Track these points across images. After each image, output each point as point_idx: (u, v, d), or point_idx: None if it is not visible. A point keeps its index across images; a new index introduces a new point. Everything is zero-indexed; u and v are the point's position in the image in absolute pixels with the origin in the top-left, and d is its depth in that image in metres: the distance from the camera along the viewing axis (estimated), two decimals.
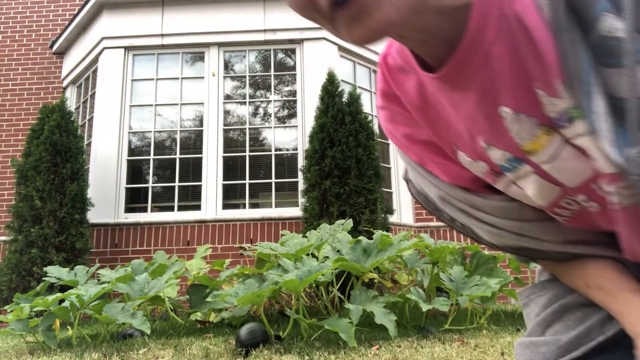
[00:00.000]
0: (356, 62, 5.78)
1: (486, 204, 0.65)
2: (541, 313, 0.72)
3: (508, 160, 0.57)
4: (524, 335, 0.73)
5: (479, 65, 0.50)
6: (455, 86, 0.53)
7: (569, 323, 0.67)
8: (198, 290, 3.08)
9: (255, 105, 5.50)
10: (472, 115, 0.55)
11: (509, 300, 5.09)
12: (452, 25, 0.49)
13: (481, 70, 0.51)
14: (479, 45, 0.49)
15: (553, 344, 0.66)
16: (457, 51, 0.50)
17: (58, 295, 2.62)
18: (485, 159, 0.59)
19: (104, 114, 5.28)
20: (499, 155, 0.57)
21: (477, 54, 0.50)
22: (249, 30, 5.38)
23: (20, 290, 4.21)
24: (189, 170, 5.20)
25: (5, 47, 6.29)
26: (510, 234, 0.67)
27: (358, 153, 4.26)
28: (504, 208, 0.65)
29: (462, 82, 0.52)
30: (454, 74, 0.52)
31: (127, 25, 5.45)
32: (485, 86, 0.51)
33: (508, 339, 2.40)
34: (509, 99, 0.51)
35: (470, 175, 0.64)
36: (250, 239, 4.84)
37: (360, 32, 0.45)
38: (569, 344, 0.64)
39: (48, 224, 4.34)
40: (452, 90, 0.54)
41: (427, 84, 0.57)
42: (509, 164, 0.57)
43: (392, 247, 2.86)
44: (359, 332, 2.61)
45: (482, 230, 0.69)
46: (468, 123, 0.57)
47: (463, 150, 0.61)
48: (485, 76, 0.51)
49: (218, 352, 2.30)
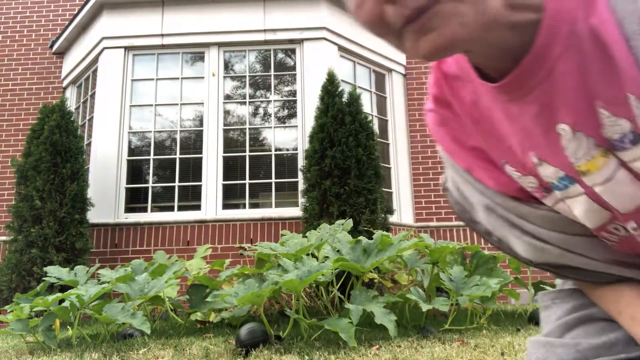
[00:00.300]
0: (356, 62, 5.78)
1: (534, 213, 0.64)
2: (563, 317, 0.70)
3: (560, 179, 0.56)
4: (539, 335, 0.72)
5: (542, 80, 0.50)
6: (514, 98, 0.53)
7: (591, 331, 0.66)
8: (198, 290, 3.08)
9: (255, 105, 5.50)
10: (528, 129, 0.54)
11: (509, 300, 5.09)
12: (520, 39, 0.49)
13: (543, 85, 0.50)
14: (545, 60, 0.49)
15: (572, 347, 0.64)
16: (522, 64, 0.50)
17: (58, 295, 2.62)
18: (535, 174, 0.59)
19: (104, 114, 5.28)
20: (550, 172, 0.56)
21: (542, 68, 0.49)
22: (249, 30, 5.38)
23: (20, 290, 4.21)
24: (189, 170, 5.20)
25: (5, 47, 6.29)
26: (553, 249, 0.64)
27: (358, 153, 4.26)
28: (553, 219, 0.63)
29: (522, 95, 0.52)
30: (515, 86, 0.52)
31: (127, 25, 5.45)
32: (545, 101, 0.51)
33: (508, 339, 2.40)
34: (568, 116, 0.51)
35: (519, 185, 0.63)
36: (250, 239, 4.84)
37: (426, 47, 0.45)
38: (589, 351, 0.63)
39: (48, 224, 4.34)
40: (509, 102, 0.54)
41: (484, 94, 0.57)
42: (560, 182, 0.56)
43: (392, 247, 2.86)
44: (359, 332, 2.61)
45: (522, 244, 0.67)
46: (522, 137, 0.56)
47: (512, 165, 0.60)
48: (546, 91, 0.50)
49: (218, 352, 2.30)
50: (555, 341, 0.67)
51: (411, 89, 6.15)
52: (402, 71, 6.18)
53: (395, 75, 6.10)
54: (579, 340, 0.65)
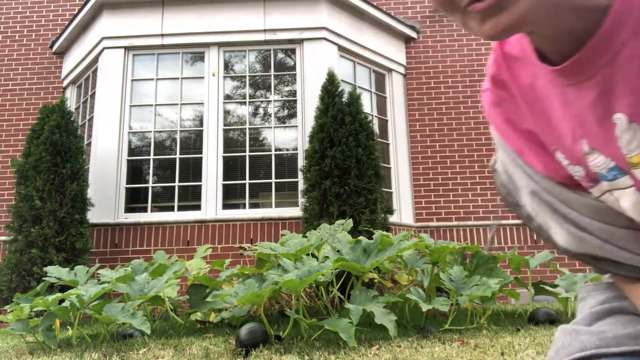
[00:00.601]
0: (356, 62, 5.78)
1: (579, 201, 0.63)
2: (595, 307, 0.70)
3: (609, 169, 0.55)
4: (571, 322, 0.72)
5: (605, 65, 0.49)
6: (573, 83, 0.52)
7: (619, 322, 0.65)
8: (198, 290, 3.08)
9: (255, 105, 5.50)
10: (583, 115, 0.54)
11: (509, 300, 5.09)
12: (586, 24, 0.48)
13: (605, 70, 0.49)
14: (610, 45, 0.48)
15: (596, 335, 0.64)
16: (586, 47, 0.49)
17: (58, 295, 2.62)
18: (583, 164, 0.58)
19: (104, 114, 5.28)
20: (600, 161, 0.55)
21: (606, 53, 0.49)
22: (248, 30, 5.38)
23: (20, 290, 4.21)
24: (189, 170, 5.20)
25: (5, 47, 6.29)
26: (594, 239, 0.64)
27: (358, 153, 4.26)
28: (598, 208, 0.62)
29: (581, 80, 0.51)
30: (576, 70, 0.51)
31: (127, 25, 5.45)
32: (605, 88, 0.50)
33: (508, 339, 2.40)
34: (626, 105, 0.50)
35: (568, 172, 0.63)
36: (250, 239, 4.84)
37: (491, 28, 0.46)
38: (612, 339, 0.63)
39: (48, 224, 4.35)
40: (567, 87, 0.54)
41: (542, 77, 0.57)
42: (609, 173, 0.56)
43: (392, 247, 2.86)
44: (359, 332, 2.61)
45: (562, 232, 0.66)
46: (576, 124, 0.55)
47: (562, 152, 0.60)
48: (607, 78, 0.50)
49: (218, 352, 2.30)
50: (582, 329, 0.67)
51: (411, 89, 6.15)
52: (402, 71, 6.18)
53: (395, 75, 6.10)
54: (605, 328, 0.65)
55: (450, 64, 6.20)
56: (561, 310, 3.40)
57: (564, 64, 0.52)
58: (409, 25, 6.23)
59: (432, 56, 6.24)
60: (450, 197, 5.82)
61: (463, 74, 6.17)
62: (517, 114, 0.65)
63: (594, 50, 0.49)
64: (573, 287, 3.34)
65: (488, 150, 5.95)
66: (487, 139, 5.99)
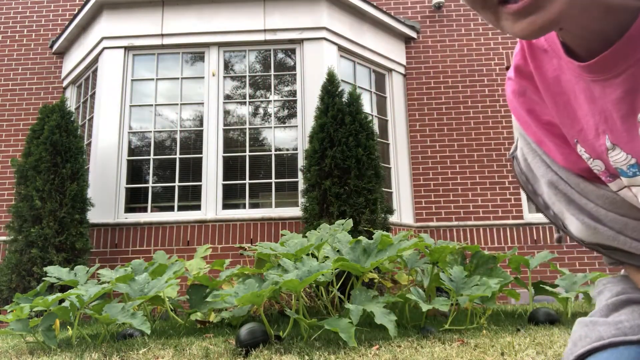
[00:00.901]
0: (356, 62, 5.78)
1: (596, 192, 0.64)
2: (611, 298, 0.71)
3: (630, 166, 0.56)
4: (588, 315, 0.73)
5: (632, 65, 0.50)
6: (600, 79, 0.53)
7: (637, 311, 0.66)
8: (198, 290, 3.08)
9: (255, 105, 5.50)
10: (608, 111, 0.54)
11: (509, 300, 5.09)
12: (616, 23, 0.49)
13: (632, 70, 0.50)
14: (638, 46, 0.49)
15: (613, 325, 0.65)
16: (614, 46, 0.50)
17: (58, 295, 2.62)
18: (603, 158, 0.59)
19: (104, 114, 5.28)
20: (621, 157, 0.56)
21: (634, 53, 0.49)
22: (249, 30, 5.38)
23: (20, 290, 4.21)
24: (189, 170, 5.20)
25: (5, 47, 6.29)
26: (608, 231, 0.65)
27: (358, 153, 4.26)
28: (614, 200, 0.63)
29: (608, 77, 0.52)
30: (603, 67, 0.52)
31: (127, 25, 5.45)
32: (631, 87, 0.51)
33: (508, 339, 2.40)
34: None
35: (586, 165, 0.64)
36: (250, 239, 4.84)
37: (525, 27, 0.46)
38: (629, 329, 0.64)
39: (48, 224, 4.35)
40: (593, 82, 0.54)
41: (568, 71, 0.58)
42: (629, 169, 0.56)
43: (392, 247, 2.86)
44: (359, 332, 2.61)
45: (576, 222, 0.68)
46: (599, 119, 0.56)
47: (583, 145, 0.61)
48: (634, 77, 0.51)
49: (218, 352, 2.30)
50: (599, 320, 0.68)
51: (411, 89, 6.15)
52: (402, 71, 6.18)
53: (395, 75, 6.10)
54: (622, 318, 0.65)
55: (450, 64, 6.20)
56: (561, 310, 3.40)
57: (591, 61, 0.52)
58: (409, 25, 6.23)
59: (432, 56, 6.24)
60: (450, 197, 5.82)
61: (463, 74, 6.17)
62: (540, 105, 0.66)
63: (622, 50, 0.50)
64: (573, 287, 3.34)
65: (488, 150, 5.94)
66: (487, 139, 5.99)
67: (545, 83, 0.62)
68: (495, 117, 6.04)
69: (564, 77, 0.59)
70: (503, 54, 6.25)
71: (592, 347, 0.65)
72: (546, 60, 0.61)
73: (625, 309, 0.68)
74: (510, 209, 5.79)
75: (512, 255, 3.47)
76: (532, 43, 0.63)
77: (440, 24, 6.32)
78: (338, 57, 5.50)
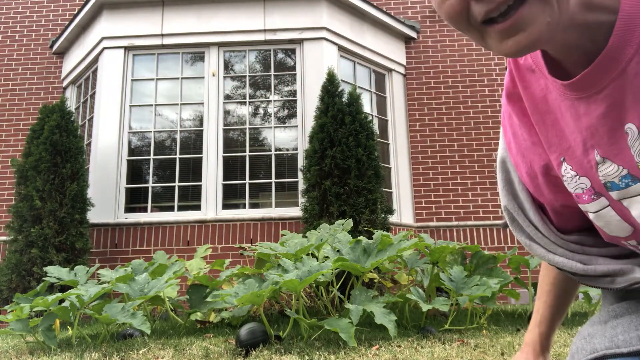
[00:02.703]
0: (356, 62, 5.78)
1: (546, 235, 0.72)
2: (614, 303, 0.74)
3: (622, 177, 0.57)
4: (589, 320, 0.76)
5: (613, 80, 0.51)
6: (583, 96, 0.54)
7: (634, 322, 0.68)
8: (198, 290, 3.08)
9: (255, 105, 5.50)
10: (594, 127, 0.55)
11: (509, 300, 5.09)
12: (593, 40, 0.50)
13: (614, 84, 0.51)
14: (616, 61, 0.50)
15: (608, 338, 0.68)
16: (594, 64, 0.51)
17: (58, 295, 2.62)
18: (591, 175, 0.59)
19: (104, 114, 5.28)
20: (612, 170, 0.57)
21: (613, 69, 0.50)
22: (248, 30, 5.38)
23: (20, 290, 4.21)
24: (189, 170, 5.20)
25: (5, 47, 6.29)
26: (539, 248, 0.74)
27: (358, 153, 4.26)
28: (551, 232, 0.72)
29: (591, 94, 0.53)
30: (585, 85, 0.53)
31: (127, 25, 5.45)
32: (614, 101, 0.52)
33: (508, 339, 2.40)
34: (637, 116, 0.52)
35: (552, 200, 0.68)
36: (250, 239, 4.84)
37: (511, 46, 0.48)
38: (622, 342, 0.66)
39: (48, 224, 4.34)
40: (577, 100, 0.55)
41: (553, 90, 0.58)
42: (622, 181, 0.57)
43: (392, 247, 2.86)
44: (359, 332, 2.62)
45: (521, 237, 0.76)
46: (587, 135, 0.57)
47: (570, 163, 0.61)
48: (616, 91, 0.52)
49: (218, 352, 2.30)
50: (596, 333, 0.70)
51: (411, 89, 6.15)
52: (402, 71, 6.18)
53: (395, 75, 6.10)
54: (618, 331, 0.68)
55: (450, 64, 6.20)
56: None
57: (573, 80, 0.53)
58: (409, 25, 6.23)
59: (432, 56, 6.24)
60: (450, 197, 5.83)
61: (463, 74, 6.17)
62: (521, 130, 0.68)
63: (602, 66, 0.51)
64: None
65: (488, 150, 5.95)
66: (487, 139, 5.99)
67: (533, 102, 0.63)
68: (495, 117, 6.04)
69: (551, 97, 0.60)
70: None
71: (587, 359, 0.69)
72: (534, 80, 0.62)
73: (624, 318, 0.69)
74: None
75: (512, 255, 3.47)
76: (519, 64, 0.63)
77: (440, 24, 6.32)
78: (338, 57, 5.50)
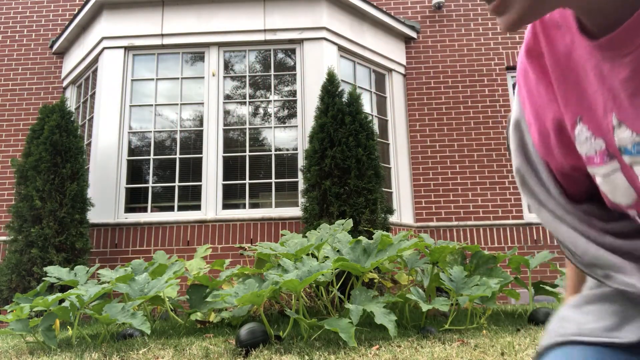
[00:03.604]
0: (356, 62, 5.78)
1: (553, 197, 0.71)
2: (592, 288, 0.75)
3: (635, 144, 0.57)
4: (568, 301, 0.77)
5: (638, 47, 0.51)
6: (609, 57, 0.54)
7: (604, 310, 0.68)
8: (198, 290, 3.08)
9: (255, 105, 5.50)
10: (616, 89, 0.55)
11: (509, 300, 5.10)
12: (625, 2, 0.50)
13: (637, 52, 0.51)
14: None
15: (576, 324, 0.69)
16: (621, 27, 0.51)
17: (58, 295, 2.62)
18: (608, 137, 0.60)
19: (104, 114, 5.28)
20: (627, 135, 0.57)
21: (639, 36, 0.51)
22: (248, 30, 5.38)
23: (20, 290, 4.21)
24: (189, 170, 5.20)
25: (5, 47, 6.29)
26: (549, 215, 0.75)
27: (358, 153, 4.26)
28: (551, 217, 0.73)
29: (617, 56, 0.53)
30: (611, 46, 0.53)
31: (127, 25, 5.45)
32: (638, 67, 0.52)
33: (508, 339, 2.40)
34: None
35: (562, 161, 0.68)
36: (250, 239, 4.84)
37: (502, 23, 0.52)
38: (588, 330, 0.67)
39: (48, 224, 4.34)
40: (603, 60, 0.55)
41: (580, 47, 0.59)
42: (634, 147, 0.58)
43: (392, 247, 2.86)
44: (359, 332, 2.62)
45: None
46: (608, 97, 0.57)
47: (587, 122, 0.61)
48: None
49: (218, 352, 2.30)
50: (570, 316, 0.72)
51: (411, 89, 6.15)
52: (402, 71, 6.18)
53: (395, 75, 6.10)
54: (588, 318, 0.69)
55: (450, 64, 6.20)
56: None
57: (601, 39, 0.54)
58: (409, 25, 6.23)
59: (432, 56, 6.24)
60: (450, 197, 5.82)
61: (463, 74, 6.16)
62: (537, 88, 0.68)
63: (629, 30, 0.51)
64: None
65: (488, 150, 5.94)
66: (487, 139, 5.99)
67: (555, 58, 0.63)
68: (495, 117, 6.04)
69: (576, 54, 0.59)
70: (503, 54, 6.25)
71: (554, 342, 0.70)
72: (559, 35, 0.62)
73: (596, 305, 0.70)
74: (510, 209, 5.79)
75: (512, 255, 3.47)
76: (544, 20, 0.63)
77: (440, 24, 6.32)
78: (338, 57, 5.50)
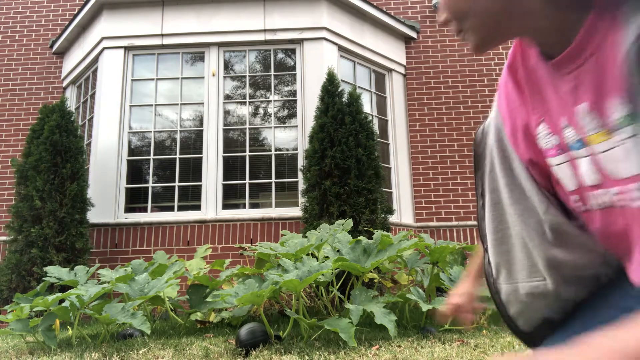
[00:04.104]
0: (356, 62, 5.78)
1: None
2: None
3: (576, 141, 0.74)
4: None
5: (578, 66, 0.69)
6: (558, 74, 0.73)
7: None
8: (198, 290, 3.08)
9: (255, 105, 5.50)
10: (564, 99, 0.74)
11: None
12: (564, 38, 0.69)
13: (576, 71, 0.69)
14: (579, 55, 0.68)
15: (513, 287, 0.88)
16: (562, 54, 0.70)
17: (58, 295, 2.62)
18: (561, 135, 0.77)
19: (104, 114, 5.27)
20: (571, 134, 0.75)
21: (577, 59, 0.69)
22: (248, 30, 5.38)
23: (20, 290, 4.21)
24: (189, 170, 5.20)
25: (5, 47, 6.29)
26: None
27: (358, 153, 4.26)
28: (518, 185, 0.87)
29: (564, 73, 0.72)
30: (560, 66, 0.72)
31: (127, 25, 5.45)
32: (577, 83, 0.70)
33: (508, 339, 2.40)
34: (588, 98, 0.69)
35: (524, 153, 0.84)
36: (250, 239, 4.84)
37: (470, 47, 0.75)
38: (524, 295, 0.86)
39: (48, 224, 4.34)
40: (555, 76, 0.74)
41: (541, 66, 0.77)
42: (575, 144, 0.75)
43: (392, 247, 2.86)
44: (359, 332, 2.62)
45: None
46: (559, 104, 0.75)
47: (547, 123, 0.80)
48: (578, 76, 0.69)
49: (218, 352, 2.30)
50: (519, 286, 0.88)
51: (411, 89, 6.15)
52: (402, 71, 6.18)
53: (395, 75, 6.10)
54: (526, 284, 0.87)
55: (450, 64, 6.20)
56: None
57: (552, 61, 0.73)
58: (409, 25, 6.23)
59: (432, 56, 6.24)
60: (450, 197, 5.82)
61: (463, 74, 6.16)
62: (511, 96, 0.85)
63: (570, 55, 0.69)
64: None
65: None
66: None
67: (527, 72, 0.81)
68: None
69: (539, 71, 0.78)
70: (503, 54, 6.25)
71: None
72: (531, 54, 0.80)
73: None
74: None
75: None
76: (522, 41, 0.81)
77: (440, 24, 6.31)
78: (338, 57, 5.50)
